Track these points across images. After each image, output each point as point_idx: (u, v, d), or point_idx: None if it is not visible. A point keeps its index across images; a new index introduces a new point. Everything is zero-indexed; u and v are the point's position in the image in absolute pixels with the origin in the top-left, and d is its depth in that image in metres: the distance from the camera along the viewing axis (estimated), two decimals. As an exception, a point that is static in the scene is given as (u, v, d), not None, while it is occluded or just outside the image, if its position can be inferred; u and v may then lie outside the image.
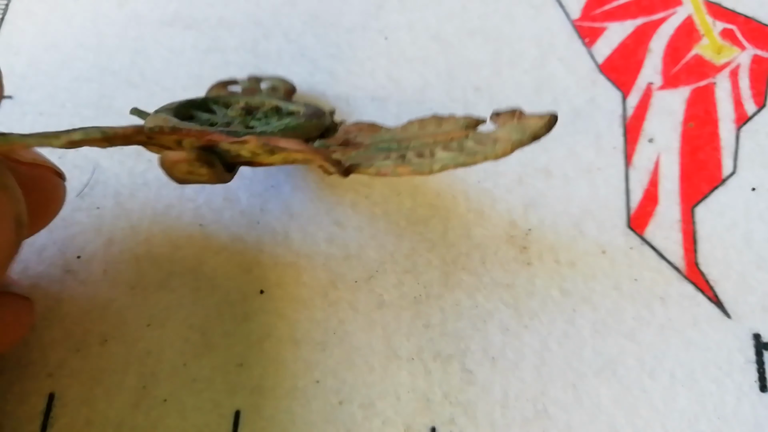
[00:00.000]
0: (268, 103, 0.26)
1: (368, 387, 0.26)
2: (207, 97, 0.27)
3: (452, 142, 0.19)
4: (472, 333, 0.27)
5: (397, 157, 0.18)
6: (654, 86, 0.30)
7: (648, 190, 0.28)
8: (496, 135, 0.18)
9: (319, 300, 0.27)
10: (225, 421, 0.26)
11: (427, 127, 0.21)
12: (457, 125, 0.20)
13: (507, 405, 0.26)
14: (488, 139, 0.18)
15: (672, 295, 0.27)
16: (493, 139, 0.18)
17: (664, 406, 0.25)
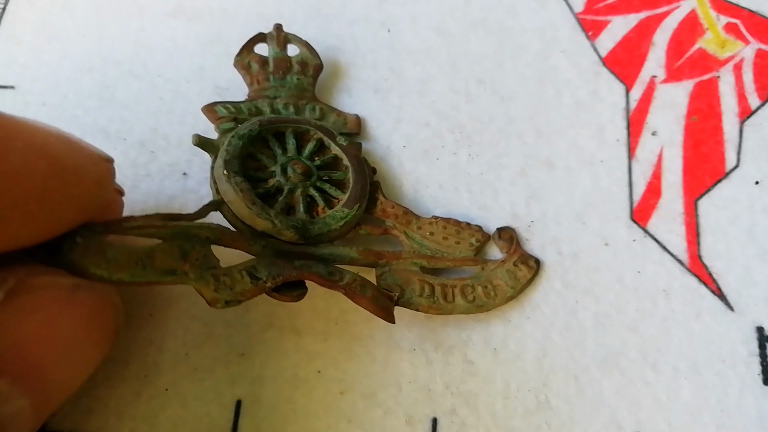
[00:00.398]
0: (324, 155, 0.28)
1: (370, 377, 0.26)
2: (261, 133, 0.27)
3: (468, 291, 0.26)
4: (473, 324, 0.26)
5: (429, 294, 0.26)
6: (657, 79, 0.30)
7: (651, 182, 0.28)
8: (495, 285, 0.27)
9: (321, 290, 0.27)
10: (226, 410, 0.26)
11: (448, 229, 0.27)
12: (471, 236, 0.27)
13: (509, 396, 0.25)
14: (492, 292, 0.26)
15: (675, 288, 0.27)
16: (494, 292, 0.26)
17: (667, 398, 0.25)
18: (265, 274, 0.24)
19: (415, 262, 0.27)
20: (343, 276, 0.25)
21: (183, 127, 0.30)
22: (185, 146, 0.29)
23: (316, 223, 0.26)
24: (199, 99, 0.30)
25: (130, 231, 0.22)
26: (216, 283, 0.23)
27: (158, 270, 0.22)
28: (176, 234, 0.23)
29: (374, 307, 0.25)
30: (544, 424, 0.25)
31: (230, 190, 0.25)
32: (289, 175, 0.26)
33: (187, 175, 0.29)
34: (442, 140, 0.29)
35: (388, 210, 0.27)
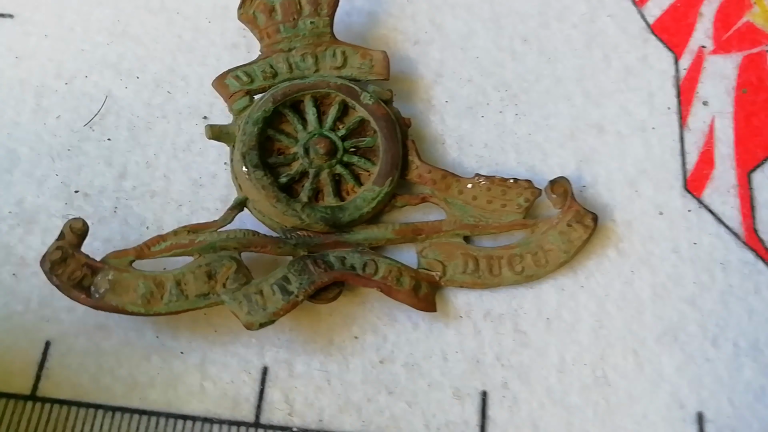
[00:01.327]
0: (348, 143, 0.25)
1: (412, 345, 0.24)
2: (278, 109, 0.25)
3: (515, 261, 0.24)
4: (525, 291, 0.24)
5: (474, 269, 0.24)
6: (706, 50, 0.29)
7: (704, 152, 0.27)
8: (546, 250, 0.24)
9: (358, 249, 0.25)
10: (251, 378, 0.23)
11: (492, 191, 0.25)
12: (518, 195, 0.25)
13: (564, 370, 0.23)
14: (543, 259, 0.24)
15: (732, 261, 0.25)
16: (545, 258, 0.24)
17: (729, 377, 0.24)
18: (296, 285, 0.22)
19: (457, 233, 0.24)
20: (379, 267, 0.23)
21: (204, 68, 0.27)
22: (206, 89, 0.27)
23: (347, 209, 0.24)
24: (221, 39, 0.28)
25: (159, 254, 0.22)
26: (249, 304, 0.22)
27: (191, 297, 0.22)
28: (204, 249, 0.23)
29: (413, 300, 0.23)
30: (602, 400, 0.23)
31: (253, 188, 0.23)
32: (312, 157, 0.24)
33: (207, 119, 0.26)
34: (487, 97, 0.27)
35: (425, 175, 0.25)
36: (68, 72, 0.27)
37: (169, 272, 0.22)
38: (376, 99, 0.25)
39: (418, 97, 0.27)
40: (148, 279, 0.22)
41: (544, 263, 0.24)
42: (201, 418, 0.22)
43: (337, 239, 0.24)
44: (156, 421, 0.22)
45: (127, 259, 0.22)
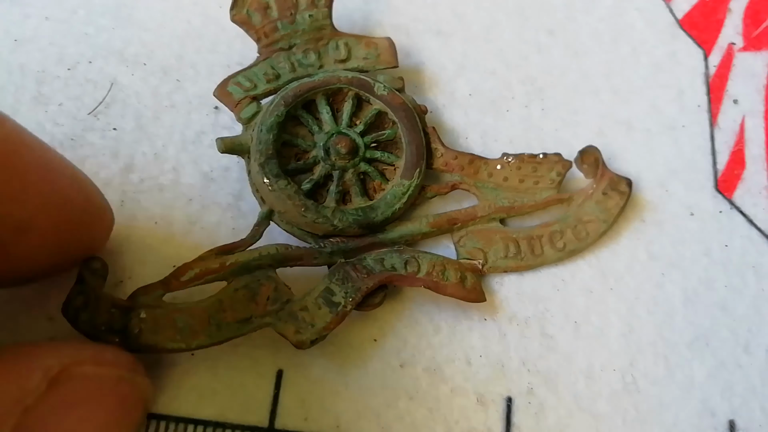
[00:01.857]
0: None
1: (434, 349, 0.22)
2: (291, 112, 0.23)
3: (556, 238, 0.23)
4: (551, 294, 0.23)
5: (515, 252, 0.23)
6: (735, 47, 0.28)
7: (735, 152, 0.26)
8: (585, 222, 0.24)
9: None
10: (265, 381, 0.22)
11: (523, 169, 0.24)
12: (550, 170, 0.24)
13: (592, 376, 0.22)
14: (583, 231, 0.24)
15: (764, 264, 0.24)
16: (585, 231, 0.24)
17: (761, 384, 0.23)
18: (342, 296, 0.21)
19: (493, 217, 0.23)
20: (421, 264, 0.22)
21: (214, 56, 0.26)
22: (217, 77, 0.25)
23: (378, 208, 0.23)
24: (232, 26, 0.26)
25: (190, 284, 0.21)
26: (296, 323, 0.21)
27: (233, 324, 0.21)
28: (237, 272, 0.21)
29: (462, 293, 0.22)
30: (632, 407, 0.22)
31: (278, 199, 0.22)
32: (334, 159, 0.23)
33: (218, 109, 0.25)
34: (512, 91, 0.26)
35: (452, 162, 0.24)
36: (71, 57, 0.25)
37: (205, 301, 0.21)
38: (390, 88, 0.24)
39: (439, 89, 0.26)
40: (184, 313, 0.20)
41: (584, 236, 0.24)
42: (213, 422, 0.21)
43: (372, 240, 0.22)
44: (165, 425, 0.21)
45: (157, 294, 0.21)
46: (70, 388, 0.17)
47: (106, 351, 0.19)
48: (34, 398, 0.16)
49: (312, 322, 0.21)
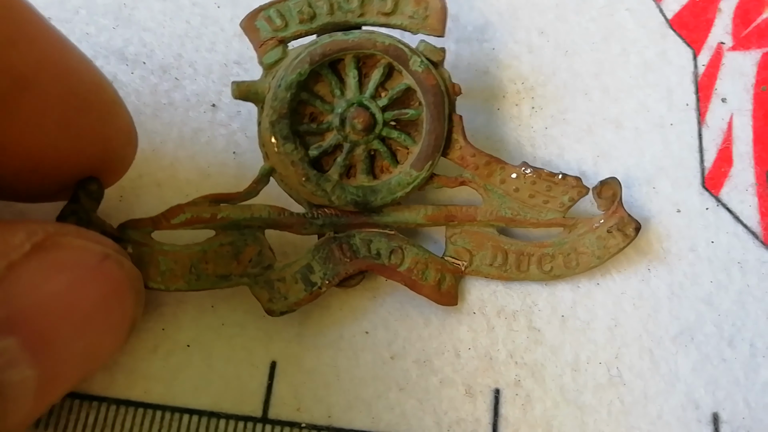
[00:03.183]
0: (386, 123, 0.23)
1: (424, 341, 0.23)
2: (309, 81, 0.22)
3: (545, 260, 0.23)
4: (539, 288, 0.24)
5: (501, 263, 0.23)
6: (725, 46, 0.29)
7: (722, 150, 0.27)
8: (579, 253, 0.23)
9: (370, 243, 0.24)
10: (258, 372, 0.22)
11: (537, 185, 0.23)
12: (564, 193, 0.23)
13: (578, 368, 0.23)
14: (573, 261, 0.23)
15: (750, 261, 0.25)
16: (576, 261, 0.23)
17: (745, 377, 0.23)
18: (320, 276, 0.22)
19: (491, 224, 0.23)
20: (405, 257, 0.22)
21: (213, 54, 0.26)
22: (215, 76, 0.26)
23: (379, 192, 0.22)
24: (231, 26, 0.27)
25: (179, 227, 0.22)
26: (270, 291, 0.22)
27: (212, 277, 0.21)
28: (228, 226, 0.22)
29: (436, 295, 0.23)
30: (617, 400, 0.23)
31: (281, 162, 0.22)
32: (348, 131, 0.22)
33: (216, 107, 0.26)
34: (503, 90, 0.27)
35: (468, 158, 0.23)
36: (73, 56, 0.26)
37: (190, 248, 0.21)
38: (426, 65, 0.22)
39: (432, 88, 0.27)
40: (168, 255, 0.21)
41: (574, 266, 0.23)
42: (207, 412, 0.22)
43: (366, 220, 0.23)
44: (161, 414, 0.21)
45: (146, 230, 0.21)
46: (56, 255, 0.17)
47: (90, 231, 0.19)
48: (19, 255, 0.16)
49: (285, 295, 0.22)
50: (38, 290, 0.16)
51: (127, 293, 0.19)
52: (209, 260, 0.21)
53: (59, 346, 0.17)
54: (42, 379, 0.16)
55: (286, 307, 0.21)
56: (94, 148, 0.20)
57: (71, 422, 0.21)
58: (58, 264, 0.17)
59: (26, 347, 0.15)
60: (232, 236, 0.22)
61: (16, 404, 0.15)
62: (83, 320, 0.17)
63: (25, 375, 0.16)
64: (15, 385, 0.15)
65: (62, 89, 0.18)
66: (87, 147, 0.19)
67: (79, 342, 0.17)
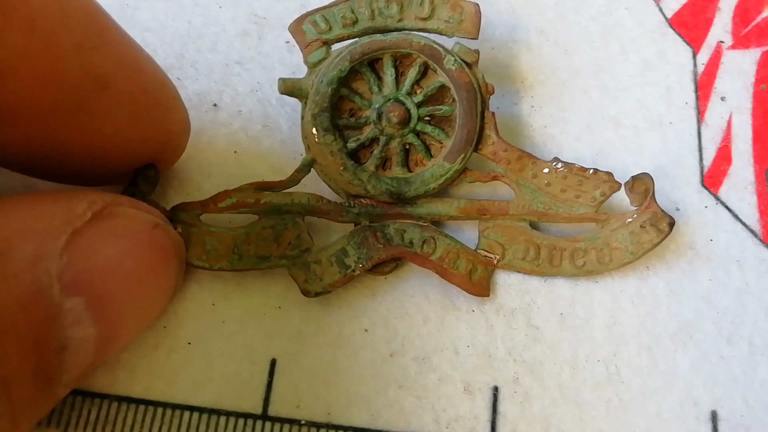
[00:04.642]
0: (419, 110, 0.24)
1: (423, 339, 0.23)
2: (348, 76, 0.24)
3: (578, 255, 0.24)
4: (538, 286, 0.24)
5: (534, 257, 0.24)
6: (724, 45, 0.29)
7: (721, 148, 0.27)
8: (612, 248, 0.23)
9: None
10: (259, 369, 0.22)
11: (569, 179, 0.24)
12: (595, 188, 0.24)
13: (576, 366, 0.23)
14: (607, 257, 0.23)
15: (748, 259, 0.25)
16: (609, 257, 0.23)
17: (744, 375, 0.23)
18: (354, 259, 0.23)
19: (524, 218, 0.24)
20: (438, 246, 0.23)
21: (214, 54, 0.27)
22: (216, 75, 0.26)
23: (413, 183, 0.23)
24: (232, 26, 0.27)
25: (225, 210, 0.23)
26: (307, 273, 0.23)
27: (253, 258, 0.22)
28: (270, 211, 0.23)
29: (467, 285, 0.23)
30: (615, 397, 0.23)
31: (321, 152, 0.23)
32: (384, 125, 0.24)
33: (217, 106, 0.26)
34: (502, 89, 0.27)
35: (500, 153, 0.24)
36: (76, 57, 0.26)
37: (234, 230, 0.23)
38: (459, 64, 0.24)
39: (431, 87, 0.27)
40: (213, 236, 0.22)
41: (607, 261, 0.24)
42: (208, 409, 0.22)
43: (400, 211, 0.23)
44: (162, 411, 0.22)
45: (195, 212, 0.23)
46: (113, 223, 0.18)
47: (141, 202, 0.21)
48: (82, 223, 0.17)
49: (321, 276, 0.22)
50: (99, 255, 0.18)
51: (172, 260, 0.21)
52: (251, 242, 0.23)
53: (116, 307, 0.18)
54: (101, 336, 0.18)
55: (321, 288, 0.22)
56: (156, 139, 0.22)
57: (74, 418, 0.21)
58: (115, 231, 0.19)
59: (89, 307, 0.17)
60: (274, 220, 0.23)
61: (78, 357, 0.17)
62: (136, 283, 0.19)
63: (88, 332, 0.17)
64: (79, 341, 0.17)
65: (134, 87, 0.20)
66: (150, 138, 0.21)
67: (133, 303, 0.19)
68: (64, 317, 0.16)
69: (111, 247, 0.18)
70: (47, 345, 0.16)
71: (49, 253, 0.16)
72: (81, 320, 0.17)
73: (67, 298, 0.16)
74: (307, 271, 0.22)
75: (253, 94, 0.26)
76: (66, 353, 0.16)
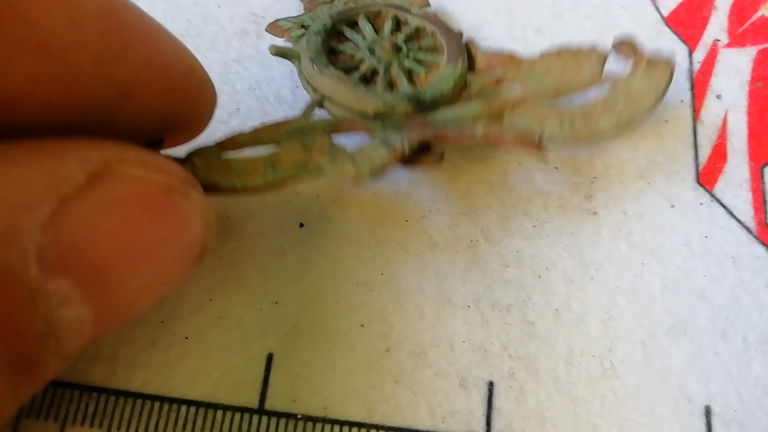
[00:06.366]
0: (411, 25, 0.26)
1: (419, 334, 0.23)
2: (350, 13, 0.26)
3: (609, 105, 0.24)
4: (533, 282, 0.24)
5: (570, 125, 0.23)
6: (720, 44, 0.29)
7: (717, 146, 0.27)
8: (637, 90, 0.24)
9: (366, 237, 0.24)
10: (255, 364, 0.23)
11: (563, 59, 0.25)
12: (588, 59, 0.25)
13: (571, 361, 0.23)
14: (635, 100, 0.24)
15: (743, 255, 0.25)
16: (638, 99, 0.24)
17: (737, 371, 0.23)
18: (398, 140, 0.22)
19: (543, 97, 0.24)
20: (476, 130, 0.23)
21: (213, 53, 0.27)
22: (214, 74, 0.26)
23: (427, 90, 0.24)
24: (231, 25, 0.27)
25: (244, 144, 0.21)
26: (352, 159, 0.21)
27: (289, 168, 0.21)
28: (291, 133, 0.22)
29: (523, 140, 0.22)
30: (610, 392, 0.23)
31: (328, 82, 0.23)
32: (379, 55, 0.25)
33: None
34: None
35: (493, 60, 0.25)
36: (76, 55, 0.27)
37: (259, 156, 0.21)
38: (425, 12, 0.26)
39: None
40: (239, 161, 0.21)
41: (639, 103, 0.24)
42: (204, 403, 0.22)
43: (423, 120, 0.23)
44: (159, 406, 0.22)
45: (212, 150, 0.21)
46: (113, 188, 0.15)
47: (156, 157, 0.17)
48: (72, 189, 0.15)
49: (370, 158, 0.21)
50: (93, 228, 0.15)
51: (192, 225, 0.18)
52: (282, 156, 0.21)
53: (116, 283, 0.16)
54: (99, 313, 0.16)
55: (374, 166, 0.21)
56: (183, 123, 0.20)
57: (71, 412, 0.21)
58: (116, 198, 0.16)
59: (80, 286, 0.15)
60: (300, 139, 0.22)
61: (71, 338, 0.15)
62: (143, 256, 0.16)
63: (80, 313, 0.15)
64: (69, 322, 0.15)
65: (160, 87, 0.18)
66: (178, 124, 0.20)
67: (140, 278, 0.17)
68: (48, 299, 0.14)
69: (109, 218, 0.15)
70: (23, 334, 0.14)
71: (24, 228, 0.14)
72: (70, 301, 0.15)
73: (50, 279, 0.14)
74: (353, 160, 0.21)
75: (251, 92, 0.26)
76: (52, 338, 0.14)
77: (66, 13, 0.15)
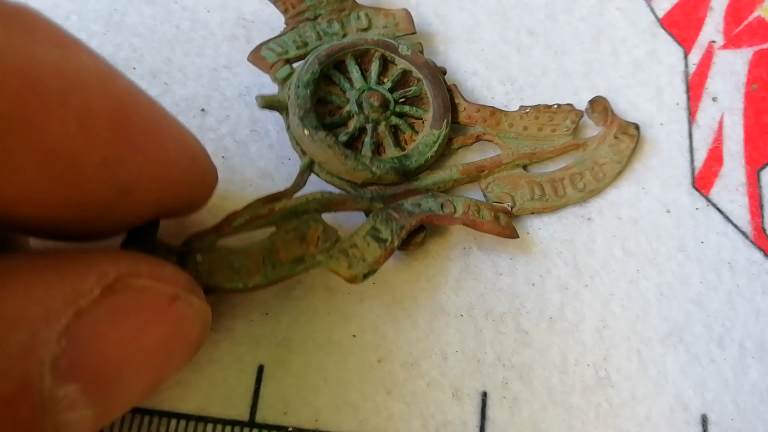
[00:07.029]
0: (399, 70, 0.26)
1: (411, 344, 0.23)
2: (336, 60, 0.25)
3: (576, 180, 0.25)
4: (527, 290, 0.24)
5: (540, 195, 0.25)
6: (716, 45, 0.28)
7: (713, 149, 0.26)
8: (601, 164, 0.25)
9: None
10: (246, 376, 0.22)
11: (540, 118, 0.26)
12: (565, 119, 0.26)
13: (566, 370, 0.23)
14: (600, 173, 0.25)
15: (739, 261, 0.25)
16: (602, 172, 0.25)
17: (734, 378, 0.23)
18: (388, 233, 0.23)
19: (517, 163, 0.25)
20: (456, 206, 0.24)
21: (202, 59, 0.27)
22: (204, 80, 0.26)
23: (412, 156, 0.24)
24: (220, 30, 0.27)
25: (241, 229, 0.22)
26: (347, 259, 0.22)
27: (287, 263, 0.21)
28: (286, 216, 0.22)
29: (498, 229, 0.24)
30: (605, 401, 0.23)
31: (318, 149, 0.23)
32: (367, 112, 0.24)
33: (205, 111, 0.26)
34: (492, 91, 0.27)
35: (474, 114, 0.26)
36: (64, 62, 0.26)
37: (258, 243, 0.22)
38: (413, 50, 0.26)
39: (420, 90, 0.27)
40: (238, 254, 0.21)
41: (602, 176, 0.25)
42: (195, 416, 0.22)
43: (408, 188, 0.24)
44: (149, 419, 0.21)
45: (210, 239, 0.21)
46: (125, 298, 0.16)
47: (164, 267, 0.18)
48: (88, 302, 0.15)
49: (363, 257, 0.22)
50: (104, 337, 0.16)
51: (192, 330, 0.19)
52: (279, 249, 0.22)
53: (119, 386, 0.17)
54: (100, 413, 0.16)
55: (368, 269, 0.22)
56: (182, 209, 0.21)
57: (60, 427, 0.21)
58: (127, 308, 0.17)
59: (86, 392, 0.16)
60: (294, 223, 0.22)
61: None
62: (146, 359, 0.17)
63: (83, 414, 0.16)
64: (72, 424, 0.16)
65: (161, 182, 0.18)
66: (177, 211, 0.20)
67: (140, 379, 0.17)
68: (57, 404, 0.15)
69: (119, 327, 0.16)
70: None
71: (43, 340, 0.15)
72: (76, 405, 0.15)
73: (61, 386, 0.15)
74: (348, 257, 0.22)
75: (241, 98, 0.26)
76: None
77: (77, 121, 0.15)
